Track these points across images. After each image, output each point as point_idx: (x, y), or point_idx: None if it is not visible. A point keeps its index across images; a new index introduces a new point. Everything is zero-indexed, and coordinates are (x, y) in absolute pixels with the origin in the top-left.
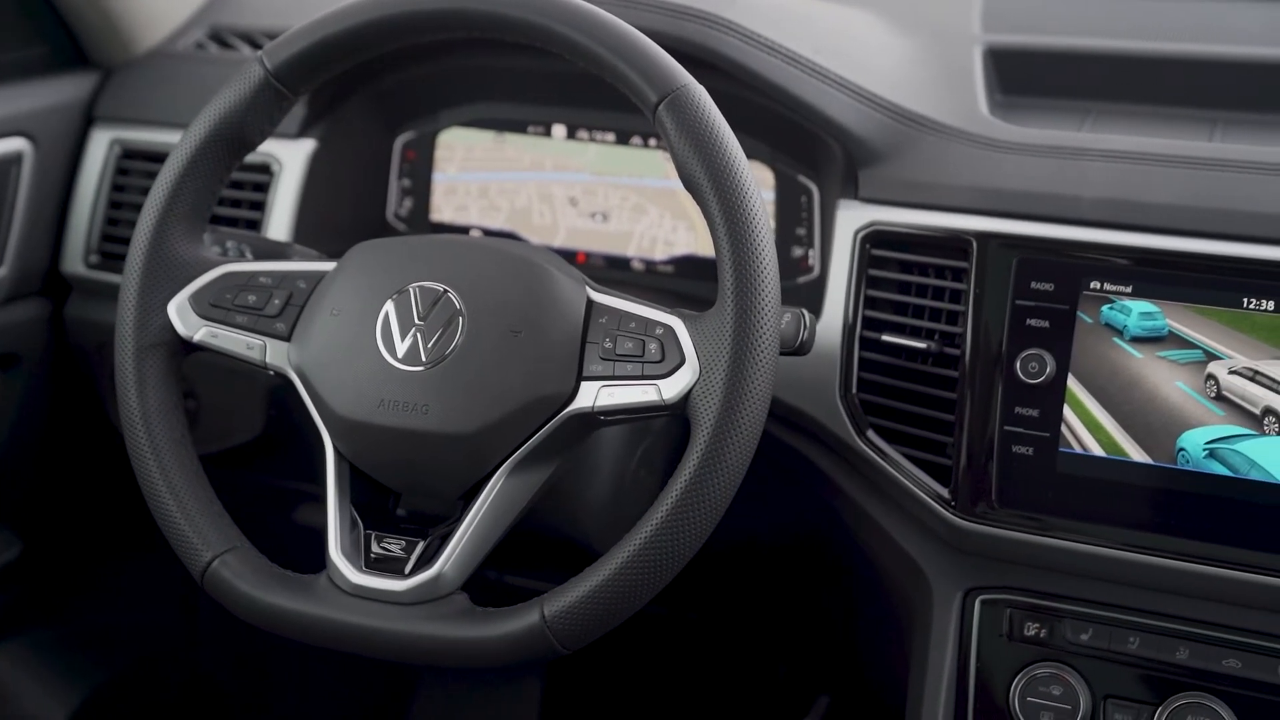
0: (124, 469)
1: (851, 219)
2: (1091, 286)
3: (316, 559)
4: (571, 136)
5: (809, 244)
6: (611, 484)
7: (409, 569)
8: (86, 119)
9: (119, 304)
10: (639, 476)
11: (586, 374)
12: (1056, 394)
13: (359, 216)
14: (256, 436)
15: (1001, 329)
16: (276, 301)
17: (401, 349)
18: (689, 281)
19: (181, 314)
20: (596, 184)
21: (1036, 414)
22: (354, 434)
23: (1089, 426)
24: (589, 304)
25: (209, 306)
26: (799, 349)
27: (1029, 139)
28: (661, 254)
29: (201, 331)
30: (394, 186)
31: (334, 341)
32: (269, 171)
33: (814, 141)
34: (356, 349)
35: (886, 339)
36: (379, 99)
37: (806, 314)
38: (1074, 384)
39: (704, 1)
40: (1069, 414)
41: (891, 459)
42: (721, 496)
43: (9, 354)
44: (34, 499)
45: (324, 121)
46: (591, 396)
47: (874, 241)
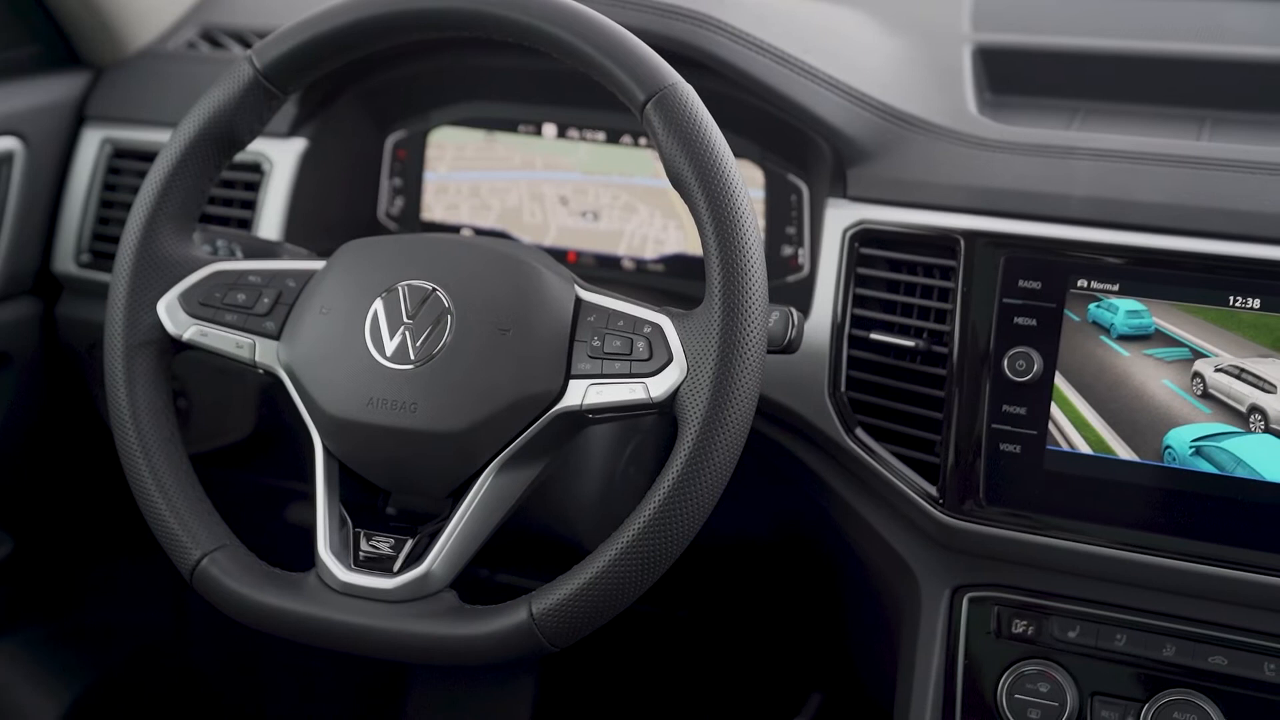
0: (115, 468)
1: (840, 218)
2: (1079, 285)
3: (308, 557)
4: (562, 135)
5: (799, 243)
6: (601, 482)
7: (397, 567)
8: (78, 118)
9: (108, 303)
10: (628, 474)
11: (575, 372)
12: (1044, 392)
13: (350, 215)
14: (248, 435)
15: (989, 327)
16: (266, 300)
17: (390, 347)
18: (679, 280)
19: (171, 313)
20: (587, 183)
21: (1024, 412)
22: (343, 432)
23: (1076, 424)
24: (577, 302)
25: (198, 305)
26: (787, 347)
27: (1017, 138)
28: (652, 253)
29: (191, 330)
30: (385, 185)
31: (323, 340)
32: (260, 170)
33: (803, 140)
34: (345, 347)
35: (875, 337)
36: (370, 98)
37: (794, 312)
38: (1061, 382)
39: (693, 1)
40: (1056, 412)
41: (880, 457)
42: (709, 494)
43: (0, 353)
44: (26, 498)
45: (315, 120)
46: (580, 395)
47: (863, 240)
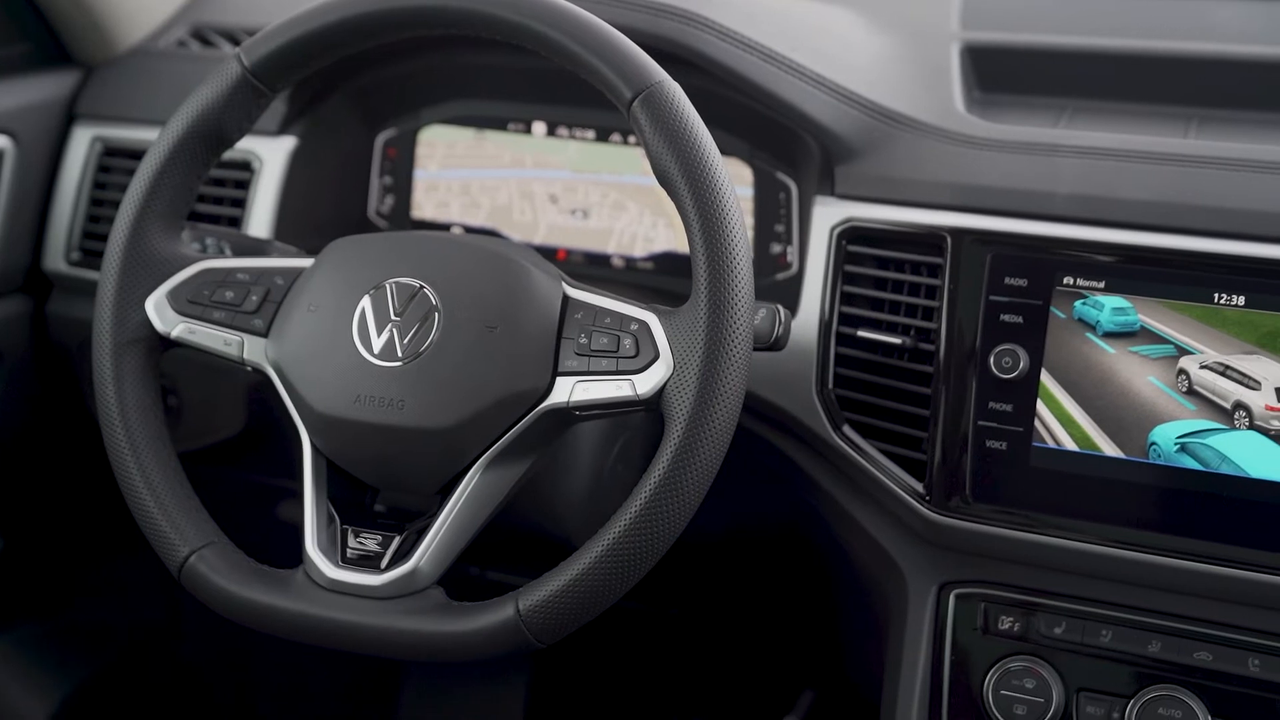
0: (107, 466)
1: (828, 215)
2: (1064, 282)
3: (297, 555)
4: (552, 134)
5: (788, 240)
6: (590, 479)
7: (385, 564)
8: (68, 116)
9: (97, 300)
10: (617, 472)
11: (562, 369)
12: (1030, 389)
13: (340, 214)
14: (239, 433)
15: (975, 324)
16: (254, 298)
17: (378, 344)
18: (669, 278)
19: (159, 310)
20: (576, 181)
21: (1010, 409)
22: (330, 429)
23: (1062, 421)
24: (565, 299)
25: (186, 303)
26: (774, 344)
27: (1003, 135)
28: (641, 251)
29: (179, 327)
30: (375, 184)
31: (311, 337)
32: (250, 169)
33: (792, 138)
34: (333, 345)
35: (862, 334)
36: (360, 96)
37: (781, 309)
38: (1047, 379)
39: None
40: (1042, 409)
41: (867, 454)
42: (695, 491)
43: None
44: (16, 496)
45: (305, 119)
46: (567, 392)
47: (850, 238)
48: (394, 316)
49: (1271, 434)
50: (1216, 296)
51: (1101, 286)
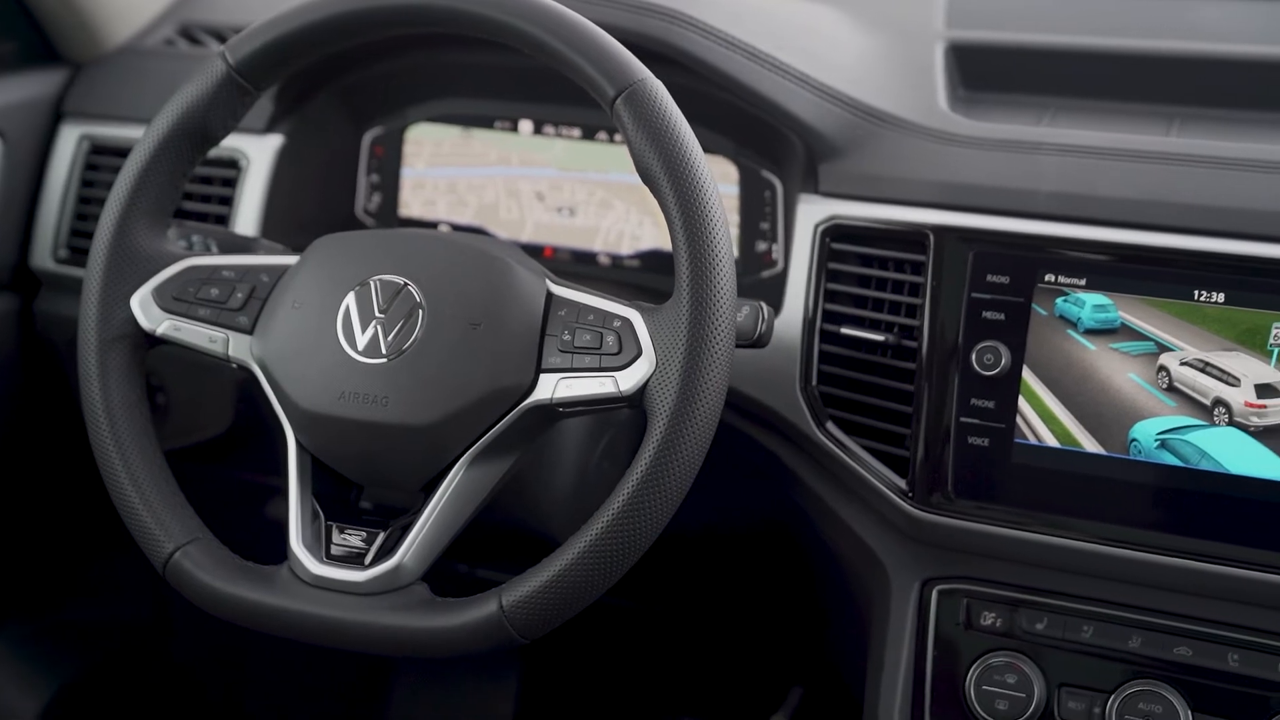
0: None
1: (812, 213)
2: (1046, 279)
3: (284, 552)
4: (538, 132)
5: (773, 238)
6: (575, 476)
7: (369, 560)
8: (56, 114)
9: (82, 297)
10: (602, 469)
11: (545, 366)
12: (1011, 385)
13: (328, 212)
14: (226, 430)
15: (958, 321)
16: (239, 295)
17: (362, 341)
18: (655, 275)
19: (144, 307)
20: (563, 179)
21: (992, 405)
22: (315, 426)
23: (1043, 417)
24: (548, 297)
25: (172, 300)
26: (757, 341)
27: (986, 133)
28: (628, 248)
29: (164, 325)
30: (363, 182)
31: (295, 334)
32: (237, 166)
33: (776, 136)
34: (318, 341)
35: (846, 332)
36: (346, 95)
37: (765, 307)
38: (1029, 376)
39: None
40: (1024, 405)
41: (850, 450)
42: (677, 487)
43: None
44: (5, 494)
45: (292, 117)
46: (550, 388)
47: (834, 235)
48: (378, 313)
49: (1250, 430)
50: (1197, 293)
51: (1083, 284)
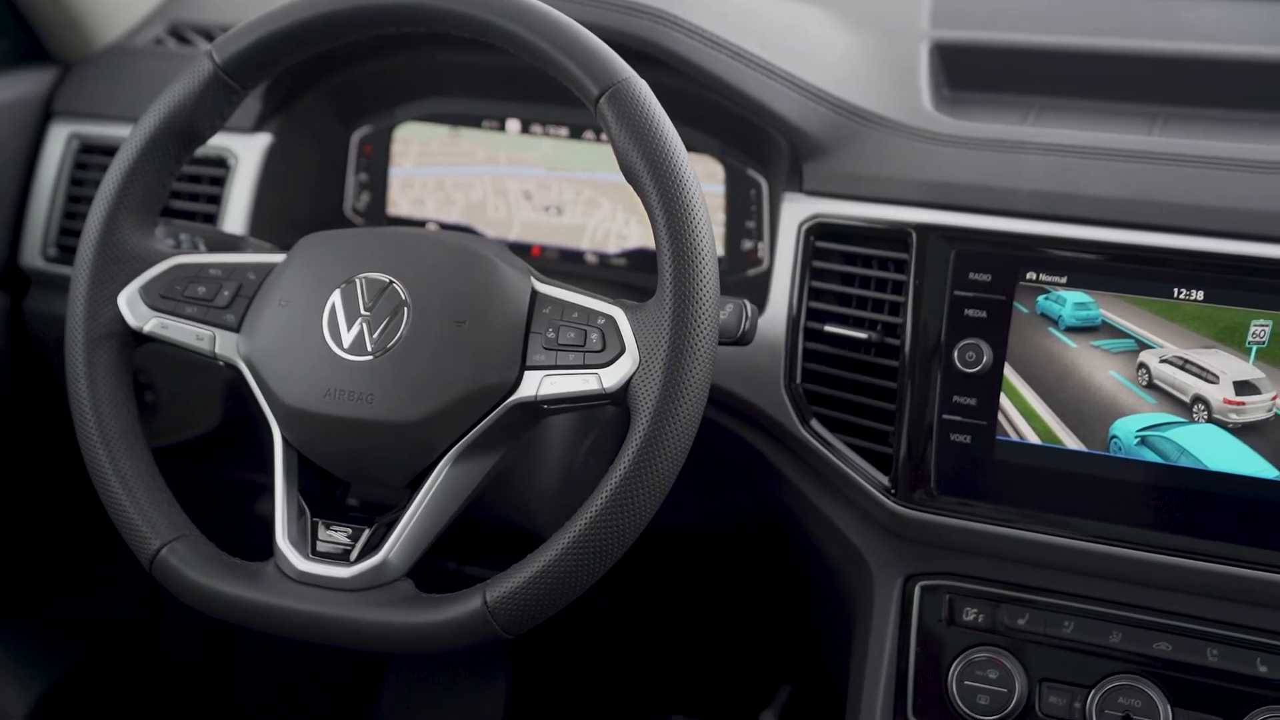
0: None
1: (796, 211)
2: (1027, 277)
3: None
4: (525, 131)
5: (759, 237)
6: (560, 473)
7: (354, 556)
8: (45, 113)
9: (69, 295)
10: (588, 465)
11: (530, 364)
12: (993, 383)
13: (316, 211)
14: (215, 428)
15: (940, 319)
16: (226, 293)
17: (348, 339)
18: (642, 274)
19: (132, 305)
20: (550, 178)
21: (974, 402)
22: (301, 423)
23: (1025, 415)
24: (533, 295)
25: (159, 298)
26: (740, 339)
27: (969, 133)
28: (615, 247)
29: (152, 322)
30: (351, 181)
31: (282, 332)
32: (225, 165)
33: (761, 136)
34: (304, 339)
35: (829, 329)
36: (335, 94)
37: (748, 304)
38: (1010, 373)
39: None
40: (1006, 402)
41: (834, 448)
42: (660, 483)
43: None
44: None
45: (280, 116)
46: (534, 386)
47: (817, 233)
48: (364, 311)
49: (1229, 427)
50: (1176, 291)
51: (1064, 282)
